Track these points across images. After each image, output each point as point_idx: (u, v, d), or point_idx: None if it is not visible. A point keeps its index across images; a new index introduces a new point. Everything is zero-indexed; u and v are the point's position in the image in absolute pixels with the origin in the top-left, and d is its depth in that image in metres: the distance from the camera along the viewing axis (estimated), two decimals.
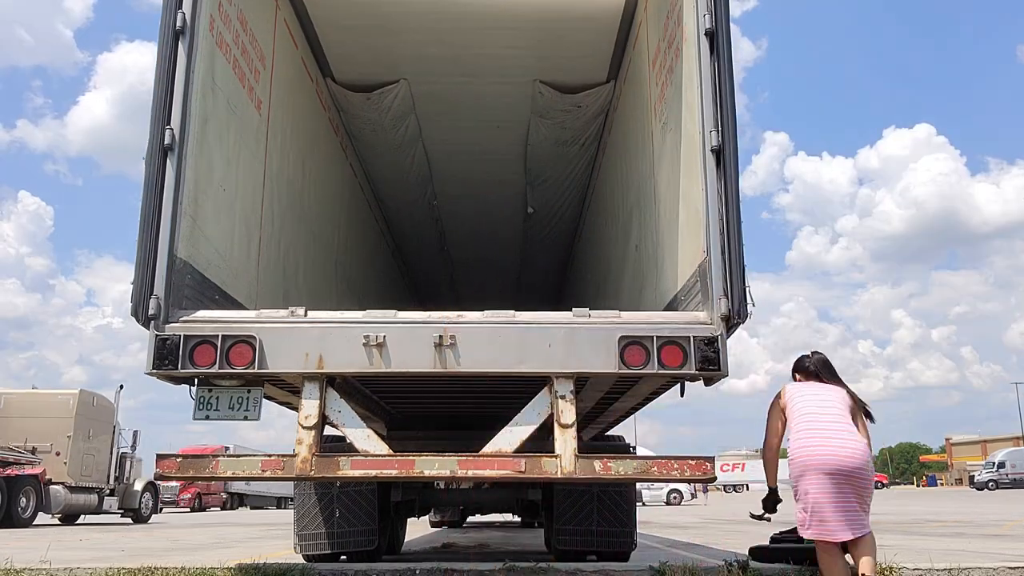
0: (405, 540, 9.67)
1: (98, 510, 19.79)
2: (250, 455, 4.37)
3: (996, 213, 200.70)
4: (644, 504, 34.66)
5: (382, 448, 4.23)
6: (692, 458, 4.25)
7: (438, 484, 7.20)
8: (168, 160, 4.28)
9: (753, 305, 4.22)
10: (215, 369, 4.17)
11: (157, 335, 4.16)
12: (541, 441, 4.36)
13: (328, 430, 4.51)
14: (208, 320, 4.29)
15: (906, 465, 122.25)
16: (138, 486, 21.11)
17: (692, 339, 4.20)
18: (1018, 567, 5.00)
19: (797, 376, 5.01)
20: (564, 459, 4.14)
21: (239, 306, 4.91)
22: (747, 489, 73.97)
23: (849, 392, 4.75)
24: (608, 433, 8.17)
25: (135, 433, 21.83)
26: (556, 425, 4.22)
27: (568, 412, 4.22)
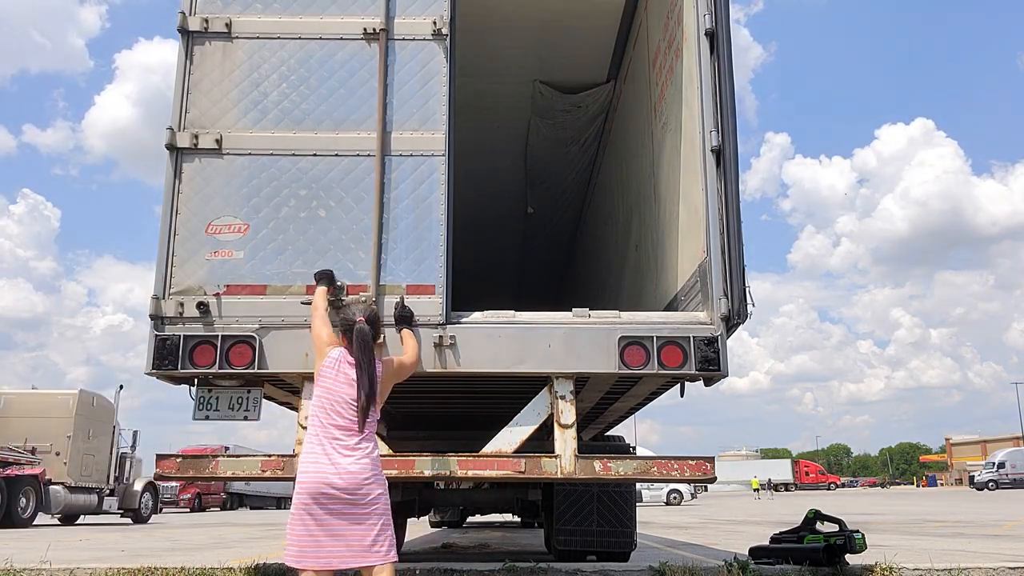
0: (405, 540, 9.67)
1: (98, 510, 19.75)
2: (250, 455, 4.38)
3: (1005, 213, 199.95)
4: (657, 503, 34.64)
5: (382, 448, 4.23)
6: (692, 458, 4.25)
7: (438, 484, 7.20)
8: None
9: (753, 305, 4.23)
10: (215, 369, 4.17)
11: (157, 335, 4.17)
12: (541, 441, 4.36)
13: None
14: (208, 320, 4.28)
15: (906, 465, 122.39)
16: (138, 486, 21.07)
17: (692, 339, 4.21)
18: (1018, 567, 5.00)
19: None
20: (564, 459, 4.14)
21: None
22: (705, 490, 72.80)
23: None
24: (608, 433, 8.17)
25: (135, 433, 21.82)
26: (556, 425, 4.22)
27: (568, 412, 4.22)
